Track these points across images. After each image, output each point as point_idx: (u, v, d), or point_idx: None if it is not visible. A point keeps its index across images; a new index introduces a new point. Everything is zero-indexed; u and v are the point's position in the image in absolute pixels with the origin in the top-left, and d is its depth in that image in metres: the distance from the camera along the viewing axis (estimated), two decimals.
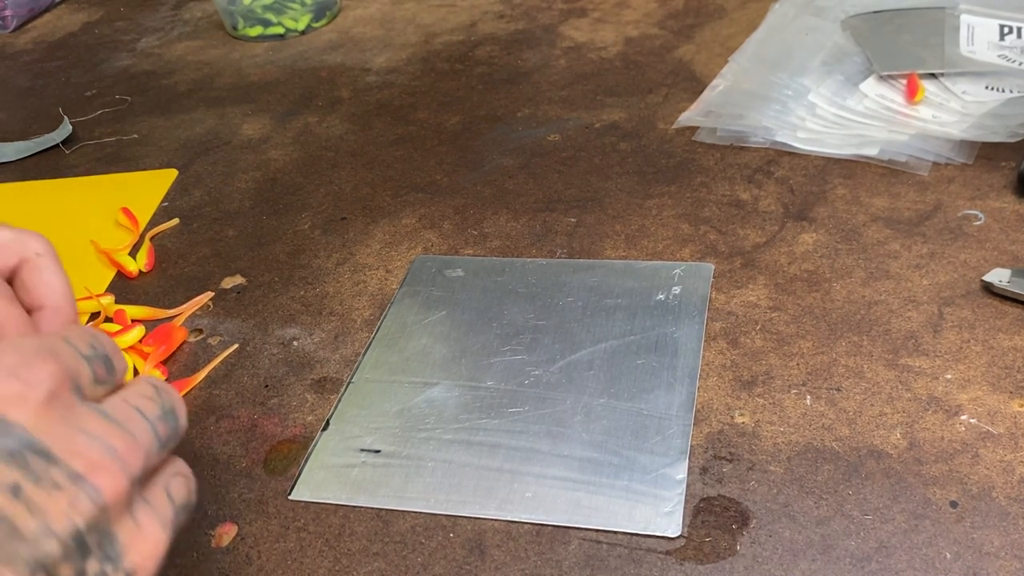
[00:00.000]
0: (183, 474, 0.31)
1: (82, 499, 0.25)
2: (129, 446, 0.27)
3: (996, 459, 0.39)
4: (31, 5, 1.01)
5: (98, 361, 0.29)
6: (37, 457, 0.25)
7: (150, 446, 0.28)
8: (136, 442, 0.27)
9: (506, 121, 0.69)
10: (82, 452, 0.26)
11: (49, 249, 0.37)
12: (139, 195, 0.66)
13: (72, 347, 0.29)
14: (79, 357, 0.29)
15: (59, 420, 0.26)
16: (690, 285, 0.50)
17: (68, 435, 0.26)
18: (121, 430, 0.27)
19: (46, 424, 0.26)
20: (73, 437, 0.26)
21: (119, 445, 0.27)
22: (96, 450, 0.26)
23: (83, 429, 0.26)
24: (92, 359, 0.29)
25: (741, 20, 0.79)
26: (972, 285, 0.48)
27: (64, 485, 0.25)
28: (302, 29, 0.88)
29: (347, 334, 0.51)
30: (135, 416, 0.29)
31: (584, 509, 0.39)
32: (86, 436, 0.26)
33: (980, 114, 0.60)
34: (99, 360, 0.29)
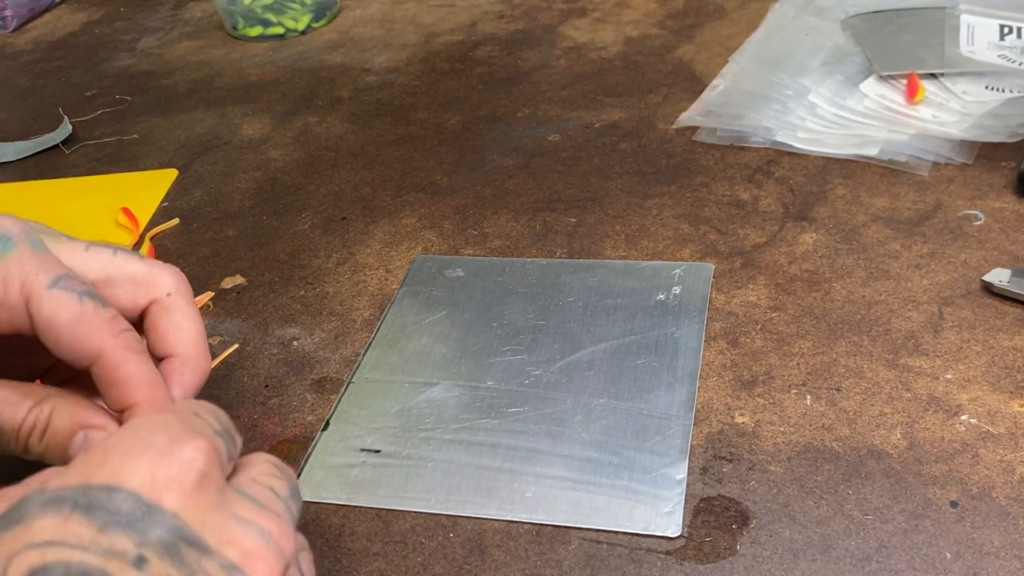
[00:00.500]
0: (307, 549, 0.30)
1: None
2: (282, 530, 0.25)
3: (996, 459, 0.39)
4: (31, 5, 1.01)
5: (227, 436, 0.28)
6: (191, 548, 0.23)
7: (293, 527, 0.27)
8: (286, 525, 0.26)
9: (506, 121, 0.69)
10: (236, 540, 0.24)
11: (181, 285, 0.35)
12: (139, 195, 0.66)
13: (205, 422, 0.27)
14: (215, 433, 0.27)
15: (210, 505, 0.24)
16: (690, 285, 0.50)
17: (221, 522, 0.24)
18: (270, 513, 0.26)
19: (198, 511, 0.24)
20: (226, 524, 0.24)
21: (273, 530, 0.25)
22: (251, 537, 0.25)
23: (236, 515, 0.25)
24: (222, 435, 0.28)
25: (741, 20, 0.79)
26: (972, 285, 0.48)
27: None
28: (302, 29, 0.88)
29: (347, 334, 0.51)
30: (273, 497, 0.27)
31: (584, 509, 0.39)
32: (239, 522, 0.25)
33: (980, 114, 0.60)
34: (227, 435, 0.28)
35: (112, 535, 0.22)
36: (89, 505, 0.22)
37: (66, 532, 0.22)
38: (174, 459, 0.24)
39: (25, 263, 0.32)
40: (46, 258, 0.33)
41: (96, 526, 0.22)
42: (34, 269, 0.32)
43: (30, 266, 0.32)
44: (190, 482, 0.24)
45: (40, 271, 0.32)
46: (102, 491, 0.23)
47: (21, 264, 0.32)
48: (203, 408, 0.28)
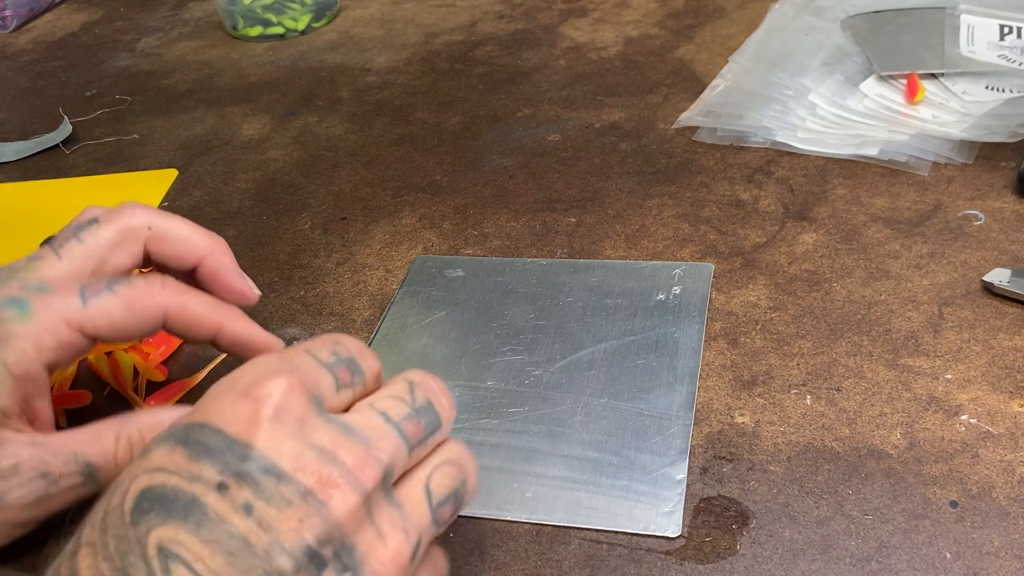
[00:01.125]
0: (452, 462, 0.31)
1: (312, 515, 0.26)
2: (360, 459, 0.27)
3: (996, 459, 0.39)
4: (31, 5, 1.01)
5: (341, 367, 0.30)
6: (268, 476, 0.26)
7: (395, 452, 0.29)
8: (371, 452, 0.28)
9: (506, 121, 0.69)
10: (311, 468, 0.26)
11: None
12: (139, 195, 0.66)
13: (312, 357, 0.30)
14: (319, 366, 0.30)
15: (290, 436, 0.27)
16: (690, 285, 0.50)
17: (298, 451, 0.26)
18: (354, 442, 0.28)
19: (277, 441, 0.26)
20: (304, 453, 0.27)
21: (349, 459, 0.27)
22: (326, 466, 0.27)
23: (314, 444, 0.27)
24: (334, 365, 0.30)
25: (741, 20, 0.79)
26: (972, 285, 0.48)
27: (295, 502, 0.26)
28: (302, 29, 0.88)
29: (347, 334, 0.51)
30: (378, 423, 0.29)
31: (584, 509, 0.39)
32: (315, 452, 0.27)
33: (980, 114, 0.60)
34: (342, 365, 0.30)
35: (201, 464, 0.26)
36: (187, 439, 0.26)
37: (169, 461, 0.26)
38: (252, 397, 0.27)
39: (50, 305, 0.35)
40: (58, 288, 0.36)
41: (189, 456, 0.26)
42: (61, 302, 0.35)
43: (56, 303, 0.35)
44: (266, 416, 0.27)
45: (66, 300, 0.35)
46: (195, 428, 0.27)
47: (48, 308, 0.35)
48: (323, 342, 0.31)
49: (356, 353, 0.32)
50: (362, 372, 0.31)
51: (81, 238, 0.38)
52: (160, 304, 0.37)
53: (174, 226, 0.40)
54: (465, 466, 0.32)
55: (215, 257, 0.41)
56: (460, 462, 0.32)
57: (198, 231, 0.41)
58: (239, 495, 0.25)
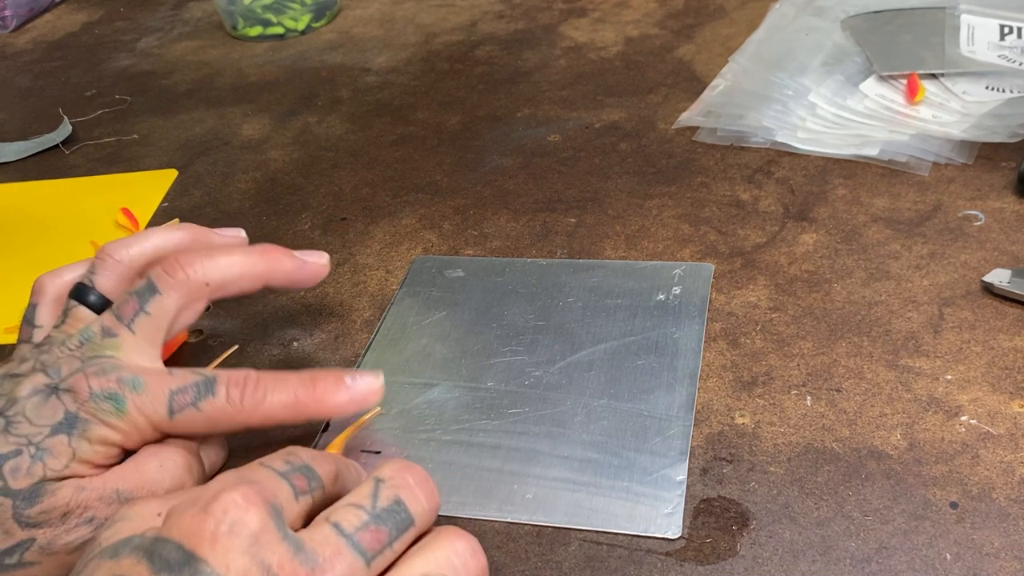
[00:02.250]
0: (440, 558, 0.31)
1: None
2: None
3: (996, 460, 0.39)
4: (31, 5, 1.01)
5: (296, 474, 0.32)
6: None
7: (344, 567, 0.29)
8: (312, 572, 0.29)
9: (506, 121, 0.69)
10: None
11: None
12: (139, 195, 0.66)
13: (268, 468, 0.31)
14: (276, 476, 0.31)
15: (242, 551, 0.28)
16: (690, 285, 0.50)
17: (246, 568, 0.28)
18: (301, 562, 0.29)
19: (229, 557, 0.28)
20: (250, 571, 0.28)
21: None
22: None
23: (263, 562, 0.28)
24: (289, 473, 0.31)
25: (741, 20, 0.79)
26: (972, 285, 0.48)
27: None
28: (302, 29, 0.88)
29: (347, 335, 0.51)
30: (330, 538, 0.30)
31: (584, 510, 0.39)
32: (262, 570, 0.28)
33: (980, 114, 0.60)
34: (297, 472, 0.32)
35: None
36: (151, 553, 0.28)
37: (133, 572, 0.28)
38: (209, 512, 0.28)
39: (142, 408, 0.37)
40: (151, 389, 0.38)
41: (151, 570, 0.28)
42: (151, 408, 0.38)
43: (147, 408, 0.37)
44: (222, 532, 0.28)
45: (156, 407, 0.38)
46: (160, 542, 0.28)
47: (140, 411, 0.37)
48: (275, 454, 0.32)
49: (309, 460, 0.33)
50: (318, 477, 0.32)
51: (148, 311, 0.40)
52: (239, 422, 0.38)
53: (228, 270, 0.41)
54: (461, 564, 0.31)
55: (276, 273, 0.43)
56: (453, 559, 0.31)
57: (248, 256, 0.42)
58: None
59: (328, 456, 0.34)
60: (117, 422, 0.37)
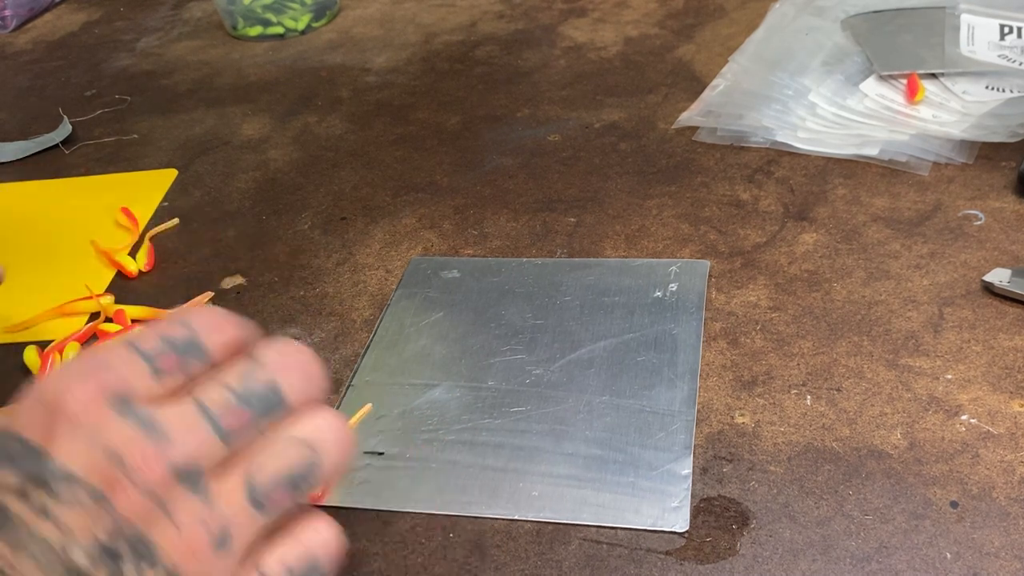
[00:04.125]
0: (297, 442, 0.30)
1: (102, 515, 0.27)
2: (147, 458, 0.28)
3: (996, 459, 0.39)
4: (31, 5, 1.01)
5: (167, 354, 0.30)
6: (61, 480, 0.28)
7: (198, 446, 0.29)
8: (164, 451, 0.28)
9: (506, 121, 0.69)
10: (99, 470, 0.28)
11: None
12: (139, 195, 0.66)
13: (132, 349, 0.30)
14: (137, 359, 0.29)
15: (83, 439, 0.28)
16: (687, 282, 0.50)
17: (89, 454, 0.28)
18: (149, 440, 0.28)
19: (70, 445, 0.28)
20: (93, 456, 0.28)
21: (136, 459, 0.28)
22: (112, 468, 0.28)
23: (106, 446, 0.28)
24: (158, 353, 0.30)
25: (741, 20, 0.79)
26: (972, 285, 0.48)
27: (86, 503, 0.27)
28: (302, 29, 0.88)
29: (347, 334, 0.51)
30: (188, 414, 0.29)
31: (591, 507, 0.39)
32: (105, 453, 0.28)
33: (980, 114, 0.60)
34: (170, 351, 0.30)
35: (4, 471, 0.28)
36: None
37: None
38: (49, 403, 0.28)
39: None
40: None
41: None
42: None
43: None
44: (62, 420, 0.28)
45: None
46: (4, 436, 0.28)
47: None
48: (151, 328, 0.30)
49: (201, 328, 0.30)
50: (202, 352, 0.30)
51: None
52: None
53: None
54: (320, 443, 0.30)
55: None
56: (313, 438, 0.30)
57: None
58: (37, 499, 0.27)
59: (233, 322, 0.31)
60: None
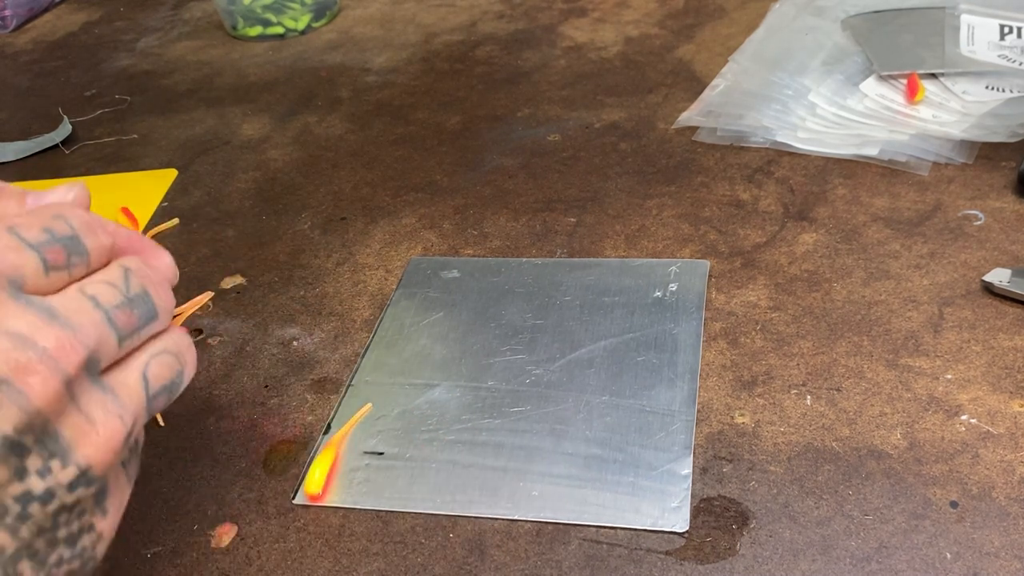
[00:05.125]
0: (170, 351, 0.30)
1: (7, 405, 0.24)
2: (63, 343, 0.26)
3: (996, 459, 0.39)
4: (31, 5, 1.01)
5: (54, 246, 0.27)
6: None
7: (100, 338, 0.27)
8: (75, 337, 0.26)
9: (506, 121, 0.69)
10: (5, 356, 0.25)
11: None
12: (139, 195, 0.66)
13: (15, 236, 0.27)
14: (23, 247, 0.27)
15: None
16: (687, 282, 0.50)
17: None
18: (56, 326, 0.26)
19: None
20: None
21: (50, 344, 0.25)
22: (22, 352, 0.25)
23: (9, 331, 0.25)
24: (44, 245, 0.27)
25: (741, 20, 0.79)
26: (972, 285, 0.48)
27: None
28: (302, 29, 0.88)
29: (347, 334, 0.51)
30: (85, 307, 0.27)
31: (591, 507, 0.39)
32: (11, 339, 0.25)
33: (980, 114, 0.60)
34: (56, 244, 0.27)
35: None
36: None
37: None
38: None
39: None
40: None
41: None
42: None
43: None
44: None
45: None
46: None
47: None
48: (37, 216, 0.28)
49: (80, 229, 0.28)
50: (84, 252, 0.28)
51: None
52: None
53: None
54: (183, 357, 0.30)
55: None
56: (178, 352, 0.30)
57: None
58: None
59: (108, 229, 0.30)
60: None
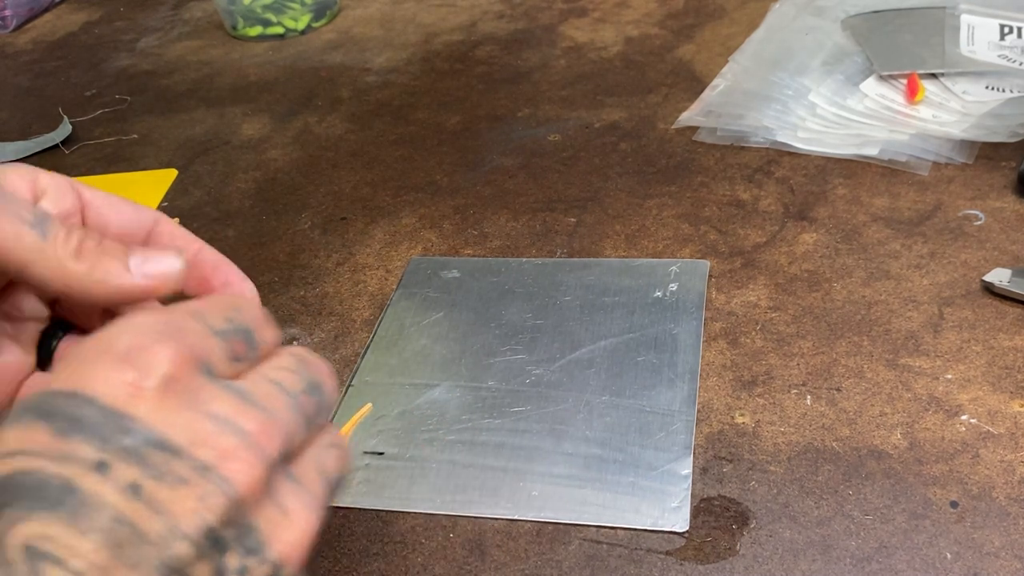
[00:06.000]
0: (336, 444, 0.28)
1: (212, 493, 0.23)
2: (265, 427, 0.24)
3: (996, 459, 0.39)
4: (31, 5, 1.01)
5: (236, 336, 0.27)
6: (158, 451, 0.23)
7: (293, 423, 0.26)
8: (274, 421, 0.25)
9: (506, 121, 0.69)
10: (209, 440, 0.23)
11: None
12: (139, 195, 0.66)
13: (203, 322, 0.26)
14: (210, 334, 0.26)
15: (182, 406, 0.23)
16: (687, 282, 0.50)
17: (193, 422, 0.23)
18: (256, 410, 0.24)
19: (166, 413, 0.23)
20: (199, 424, 0.23)
21: (253, 427, 0.24)
22: (226, 436, 0.23)
23: (211, 414, 0.24)
24: (228, 334, 0.26)
25: (741, 20, 0.79)
26: (972, 285, 0.48)
27: (191, 479, 0.23)
28: (302, 29, 0.88)
29: (347, 334, 0.51)
30: (275, 392, 0.26)
31: (591, 506, 0.39)
32: (214, 421, 0.24)
33: (980, 114, 0.60)
34: (238, 335, 0.27)
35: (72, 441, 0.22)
36: (49, 412, 0.22)
37: (28, 440, 0.22)
38: (133, 363, 0.23)
39: None
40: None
41: (55, 433, 0.22)
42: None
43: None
44: (152, 385, 0.23)
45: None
46: (61, 397, 0.23)
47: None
48: (211, 305, 0.27)
49: (253, 323, 0.28)
50: (256, 346, 0.28)
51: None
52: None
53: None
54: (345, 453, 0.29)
55: None
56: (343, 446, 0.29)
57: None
58: (124, 474, 0.22)
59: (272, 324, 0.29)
60: None
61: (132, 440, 0.22)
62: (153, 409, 0.23)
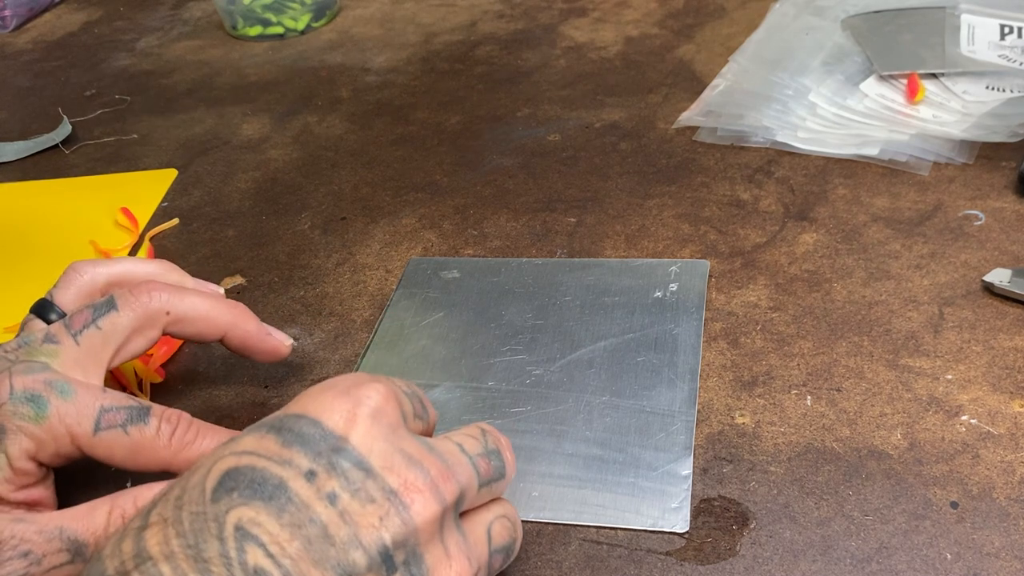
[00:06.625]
0: (509, 518, 0.33)
1: (392, 516, 0.27)
2: (444, 473, 0.28)
3: (997, 459, 0.39)
4: (31, 5, 1.01)
5: (416, 399, 0.32)
6: (357, 469, 0.27)
7: (468, 479, 0.30)
8: (451, 471, 0.29)
9: (506, 121, 0.69)
10: (398, 469, 0.27)
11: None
12: (139, 195, 0.66)
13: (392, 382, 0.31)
14: (402, 392, 0.31)
15: (382, 437, 0.28)
16: (687, 282, 0.50)
17: (388, 452, 0.27)
18: (438, 458, 0.29)
19: (368, 438, 0.27)
20: (392, 456, 0.28)
21: (434, 471, 0.28)
22: (412, 471, 0.27)
23: (403, 450, 0.28)
24: (411, 396, 0.32)
25: (741, 20, 0.79)
26: (972, 285, 0.48)
27: (378, 499, 0.27)
28: (302, 29, 0.88)
29: (347, 334, 0.51)
30: (455, 450, 0.30)
31: (591, 507, 0.39)
32: (404, 456, 0.28)
33: (981, 114, 0.60)
34: (416, 399, 0.32)
35: (293, 451, 0.27)
36: (280, 428, 0.27)
37: (259, 446, 0.27)
38: (352, 395, 0.28)
39: (65, 416, 0.35)
40: (80, 399, 0.35)
41: (281, 443, 0.27)
42: (74, 419, 0.35)
43: (70, 418, 0.35)
44: (364, 415, 0.28)
45: (80, 419, 0.35)
46: (291, 418, 0.28)
47: (61, 419, 0.35)
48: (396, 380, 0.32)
49: (422, 395, 0.33)
50: (428, 412, 0.33)
51: (99, 325, 0.38)
52: (162, 459, 0.36)
53: (192, 307, 0.40)
54: (518, 526, 0.33)
55: (238, 329, 0.42)
56: (515, 520, 0.33)
57: (217, 305, 0.42)
58: (326, 484, 0.26)
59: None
60: (34, 428, 0.34)
61: (340, 456, 0.27)
62: (362, 433, 0.27)
